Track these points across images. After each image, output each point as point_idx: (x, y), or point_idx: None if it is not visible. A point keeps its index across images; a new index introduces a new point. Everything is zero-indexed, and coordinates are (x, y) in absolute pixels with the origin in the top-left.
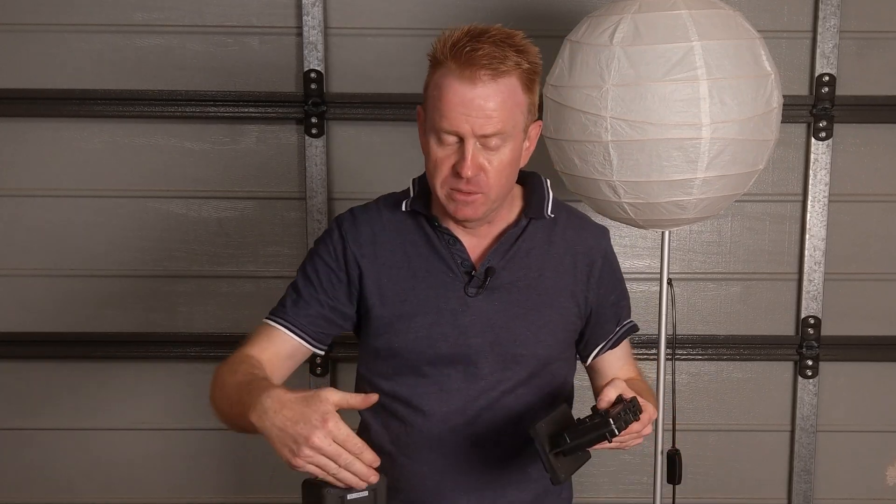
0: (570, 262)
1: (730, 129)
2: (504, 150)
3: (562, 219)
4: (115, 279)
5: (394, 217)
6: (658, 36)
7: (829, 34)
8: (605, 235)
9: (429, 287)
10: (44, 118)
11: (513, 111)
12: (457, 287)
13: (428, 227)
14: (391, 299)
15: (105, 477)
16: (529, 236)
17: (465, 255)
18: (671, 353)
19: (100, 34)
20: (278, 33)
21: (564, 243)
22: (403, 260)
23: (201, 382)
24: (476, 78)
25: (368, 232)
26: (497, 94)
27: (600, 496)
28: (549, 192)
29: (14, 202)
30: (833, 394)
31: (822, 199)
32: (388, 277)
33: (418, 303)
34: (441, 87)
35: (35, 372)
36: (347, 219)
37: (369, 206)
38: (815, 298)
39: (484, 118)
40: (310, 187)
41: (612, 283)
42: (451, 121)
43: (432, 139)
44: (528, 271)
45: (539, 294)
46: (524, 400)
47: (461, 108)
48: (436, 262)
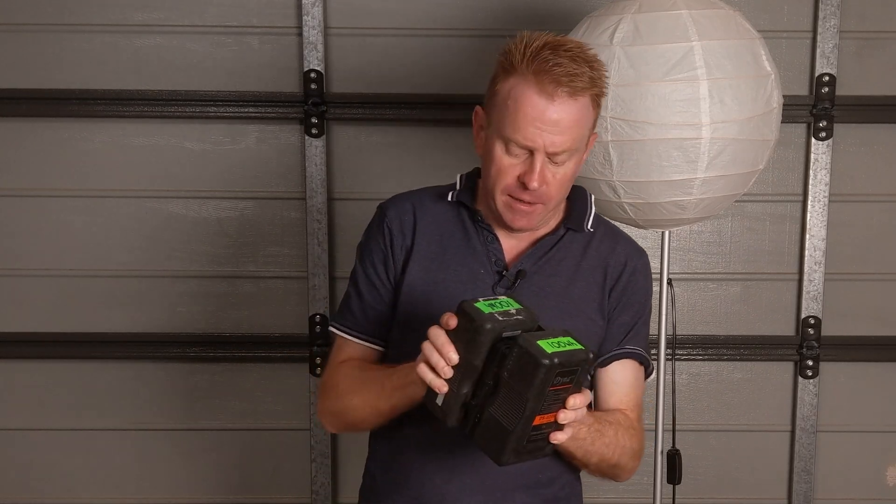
0: (601, 275)
1: (730, 129)
2: (569, 164)
3: (600, 232)
4: (115, 279)
5: (436, 207)
6: (658, 36)
7: (829, 34)
8: (641, 256)
9: (458, 281)
10: (44, 118)
11: (582, 128)
12: (486, 284)
13: (469, 221)
14: (420, 288)
15: (105, 477)
16: (565, 245)
17: (501, 254)
18: (671, 353)
19: (100, 34)
20: (278, 33)
21: (598, 256)
22: (439, 251)
23: (201, 382)
24: (555, 94)
25: (410, 220)
26: (573, 112)
27: (600, 496)
28: (591, 206)
29: (14, 202)
30: (833, 394)
31: (822, 199)
32: (421, 266)
33: (446, 295)
34: (518, 98)
35: (35, 372)
36: (391, 207)
37: (414, 193)
38: (816, 298)
39: (558, 135)
40: (310, 187)
41: (629, 303)
42: (525, 135)
43: (498, 146)
44: (558, 279)
45: (567, 303)
46: None
47: (538, 123)
48: (470, 257)
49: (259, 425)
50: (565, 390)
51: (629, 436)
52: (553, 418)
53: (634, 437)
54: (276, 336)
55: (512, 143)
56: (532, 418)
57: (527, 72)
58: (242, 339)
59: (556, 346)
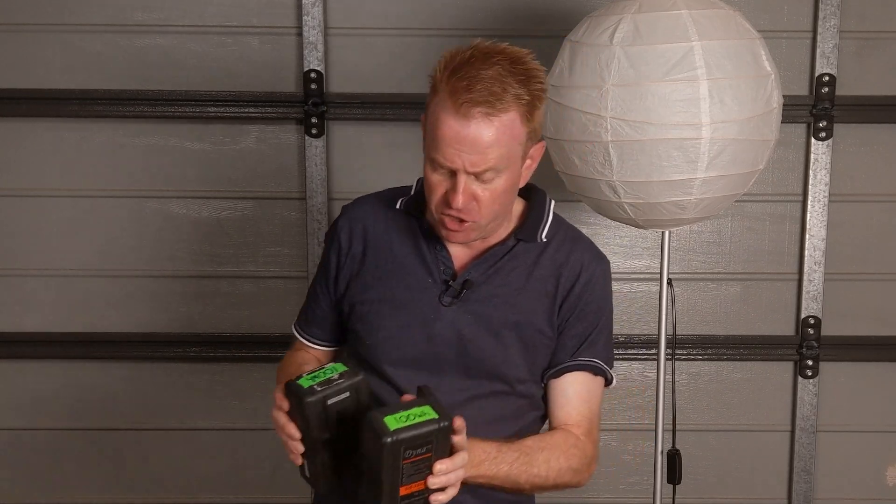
0: (553, 284)
1: (730, 129)
2: (498, 181)
3: (556, 240)
4: (115, 279)
5: (388, 213)
6: (658, 36)
7: (829, 34)
8: (598, 263)
9: (406, 288)
10: (44, 118)
11: (509, 145)
12: (433, 294)
13: (419, 229)
14: (368, 296)
15: (105, 477)
16: (517, 255)
17: (449, 262)
18: (671, 353)
19: (100, 34)
20: (278, 33)
21: (552, 265)
22: (388, 258)
23: (201, 382)
24: (471, 115)
25: (360, 229)
26: (493, 131)
27: (600, 496)
28: (548, 215)
29: (14, 202)
30: (833, 394)
31: (822, 199)
32: (373, 275)
33: (394, 303)
34: (436, 118)
35: (35, 372)
36: (344, 216)
37: (368, 198)
38: (815, 298)
39: (477, 155)
40: (310, 187)
41: (582, 312)
42: (445, 155)
43: (427, 163)
44: (507, 289)
45: (515, 313)
46: (490, 413)
47: (455, 144)
48: (418, 265)
49: (259, 425)
50: (426, 459)
51: (569, 455)
52: (423, 485)
53: (575, 455)
54: (276, 336)
55: (436, 163)
56: (395, 490)
57: (444, 91)
58: (242, 339)
59: (405, 420)
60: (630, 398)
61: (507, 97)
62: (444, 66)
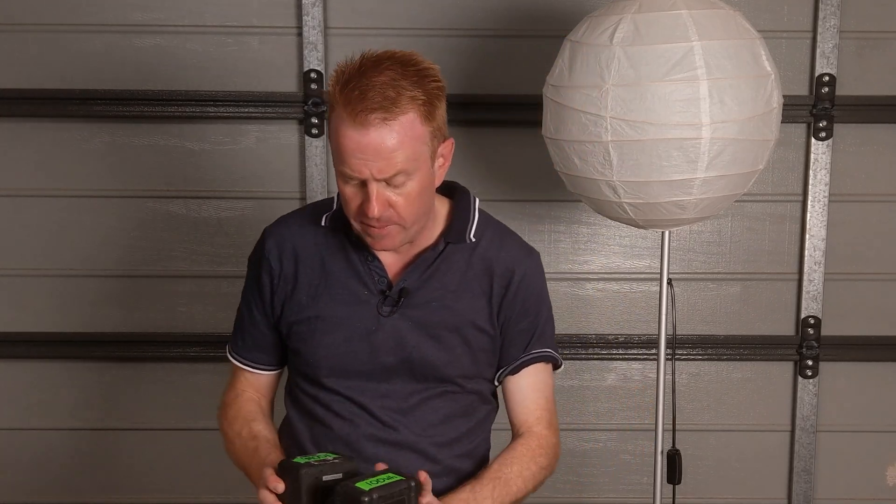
0: (488, 282)
1: (730, 129)
2: (410, 184)
3: (486, 239)
4: (115, 279)
5: (315, 230)
6: (658, 36)
7: (829, 34)
8: (529, 257)
9: (343, 304)
10: (44, 118)
11: (413, 147)
12: (371, 305)
13: (347, 241)
14: (305, 314)
15: (105, 476)
16: (448, 257)
17: (383, 272)
18: (671, 353)
19: (99, 34)
20: (278, 33)
21: (483, 264)
22: (321, 275)
23: (201, 382)
24: (368, 123)
25: (290, 248)
26: (393, 135)
27: (600, 496)
28: (474, 214)
29: (14, 202)
30: (833, 394)
31: (822, 199)
32: (306, 293)
33: (333, 320)
34: (336, 130)
35: (35, 372)
36: (270, 237)
37: (292, 216)
38: (815, 298)
39: (382, 161)
40: (310, 187)
41: (524, 308)
42: (351, 166)
43: (339, 176)
44: (444, 292)
45: (454, 315)
46: (441, 412)
47: (357, 154)
48: (352, 279)
49: None
50: None
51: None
52: None
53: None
54: None
55: (345, 175)
56: None
57: (339, 103)
58: None
59: (375, 483)
60: (630, 398)
61: (402, 100)
62: (335, 80)
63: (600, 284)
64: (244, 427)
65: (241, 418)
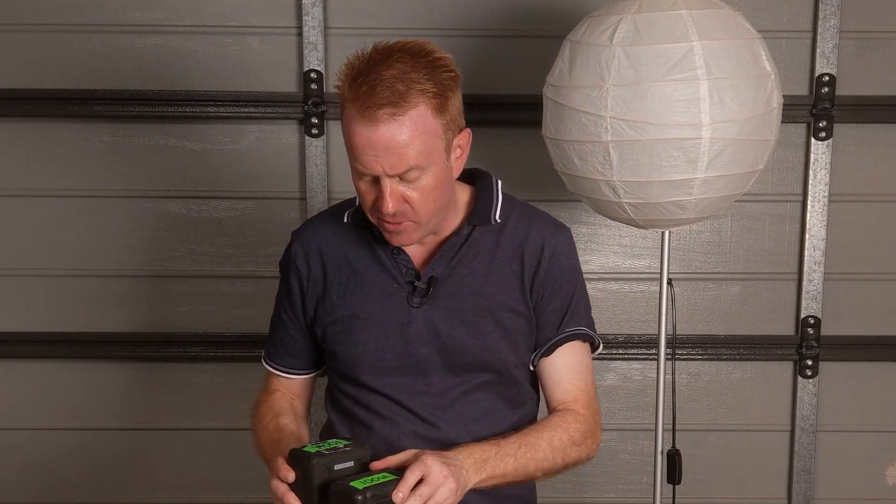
0: (518, 263)
1: (730, 129)
2: (425, 179)
3: (513, 218)
4: (115, 279)
5: (339, 229)
6: (658, 36)
7: (829, 34)
8: (560, 233)
9: (374, 299)
10: (44, 118)
11: (425, 141)
12: (401, 298)
13: (371, 237)
14: (339, 314)
15: (105, 476)
16: (475, 242)
17: (410, 264)
18: (671, 353)
19: (100, 34)
20: (278, 33)
21: (512, 245)
22: (349, 273)
23: (201, 382)
24: (377, 118)
25: (316, 250)
26: (404, 130)
27: (600, 496)
28: (498, 195)
29: (14, 202)
30: (833, 394)
31: (822, 199)
32: (338, 293)
33: (365, 316)
34: (348, 127)
35: (35, 372)
36: (296, 241)
37: (316, 219)
38: (815, 298)
39: (394, 157)
40: (310, 187)
41: (556, 285)
42: (363, 163)
43: (353, 173)
44: (473, 278)
45: (486, 299)
46: (482, 405)
47: (369, 150)
48: (380, 274)
49: None
50: None
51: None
52: None
53: (577, 429)
54: None
55: (358, 172)
56: None
57: (348, 99)
58: (242, 339)
59: (369, 481)
60: (630, 398)
61: (411, 93)
62: (345, 74)
63: (600, 284)
64: (272, 421)
65: (271, 413)
